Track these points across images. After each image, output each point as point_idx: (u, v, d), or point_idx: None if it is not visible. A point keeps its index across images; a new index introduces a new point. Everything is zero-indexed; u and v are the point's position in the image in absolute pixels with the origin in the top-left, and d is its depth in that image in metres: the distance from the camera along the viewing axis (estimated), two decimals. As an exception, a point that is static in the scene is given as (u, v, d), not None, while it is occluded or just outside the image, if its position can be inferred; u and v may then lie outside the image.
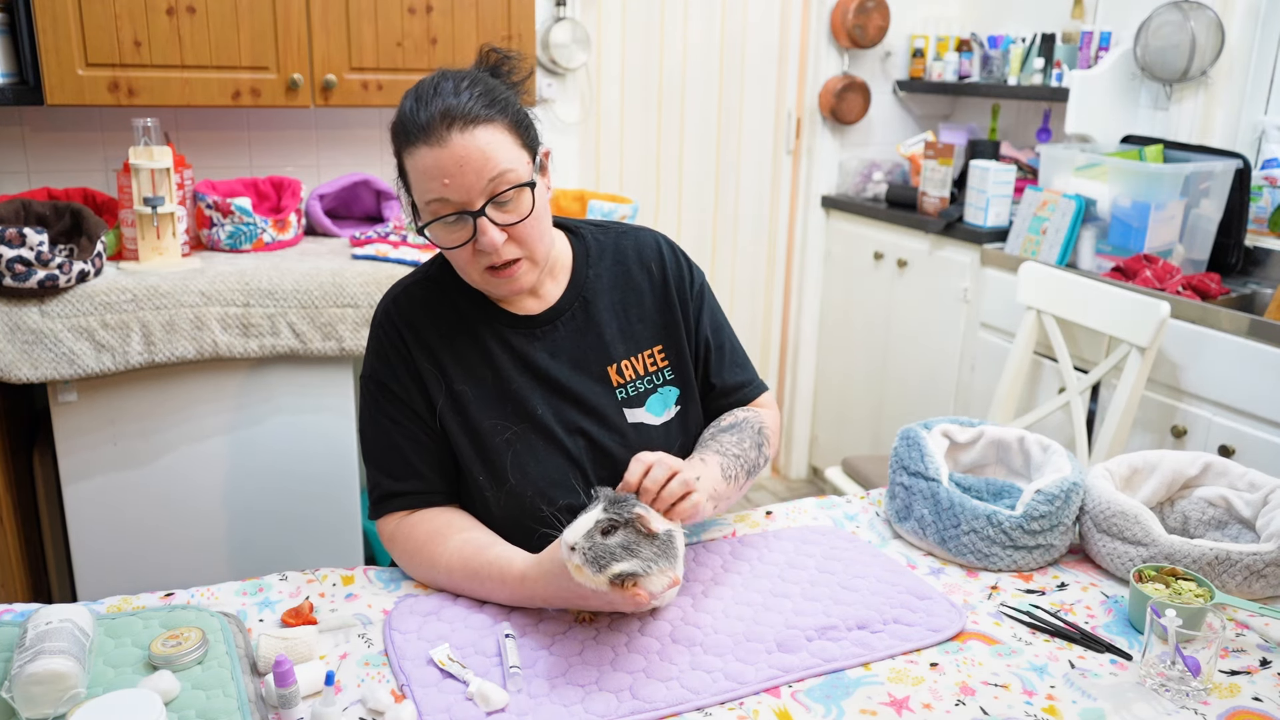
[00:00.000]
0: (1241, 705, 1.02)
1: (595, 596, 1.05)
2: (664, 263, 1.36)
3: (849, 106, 3.34)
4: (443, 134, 1.13)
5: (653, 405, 1.32)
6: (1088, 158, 2.61)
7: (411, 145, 1.15)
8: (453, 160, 1.13)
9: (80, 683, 0.90)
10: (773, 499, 3.49)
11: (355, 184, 2.57)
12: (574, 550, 1.01)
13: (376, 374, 1.27)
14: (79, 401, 2.02)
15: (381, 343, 1.28)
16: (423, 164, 1.14)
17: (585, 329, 1.30)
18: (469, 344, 1.27)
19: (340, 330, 2.14)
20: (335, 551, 2.29)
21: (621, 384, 1.30)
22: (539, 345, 1.28)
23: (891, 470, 1.41)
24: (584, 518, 1.02)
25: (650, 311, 1.34)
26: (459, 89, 1.15)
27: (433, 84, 1.17)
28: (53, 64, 2.04)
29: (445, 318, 1.28)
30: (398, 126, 1.18)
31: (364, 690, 1.00)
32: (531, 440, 1.26)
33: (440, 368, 1.26)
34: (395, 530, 1.25)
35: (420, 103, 1.15)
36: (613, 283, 1.34)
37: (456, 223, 1.16)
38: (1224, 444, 2.09)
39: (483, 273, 1.21)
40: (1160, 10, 2.61)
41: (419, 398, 1.26)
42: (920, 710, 1.00)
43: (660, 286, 1.35)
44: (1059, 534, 1.29)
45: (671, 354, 1.35)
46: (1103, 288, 2.25)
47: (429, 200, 1.16)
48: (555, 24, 2.84)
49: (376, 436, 1.27)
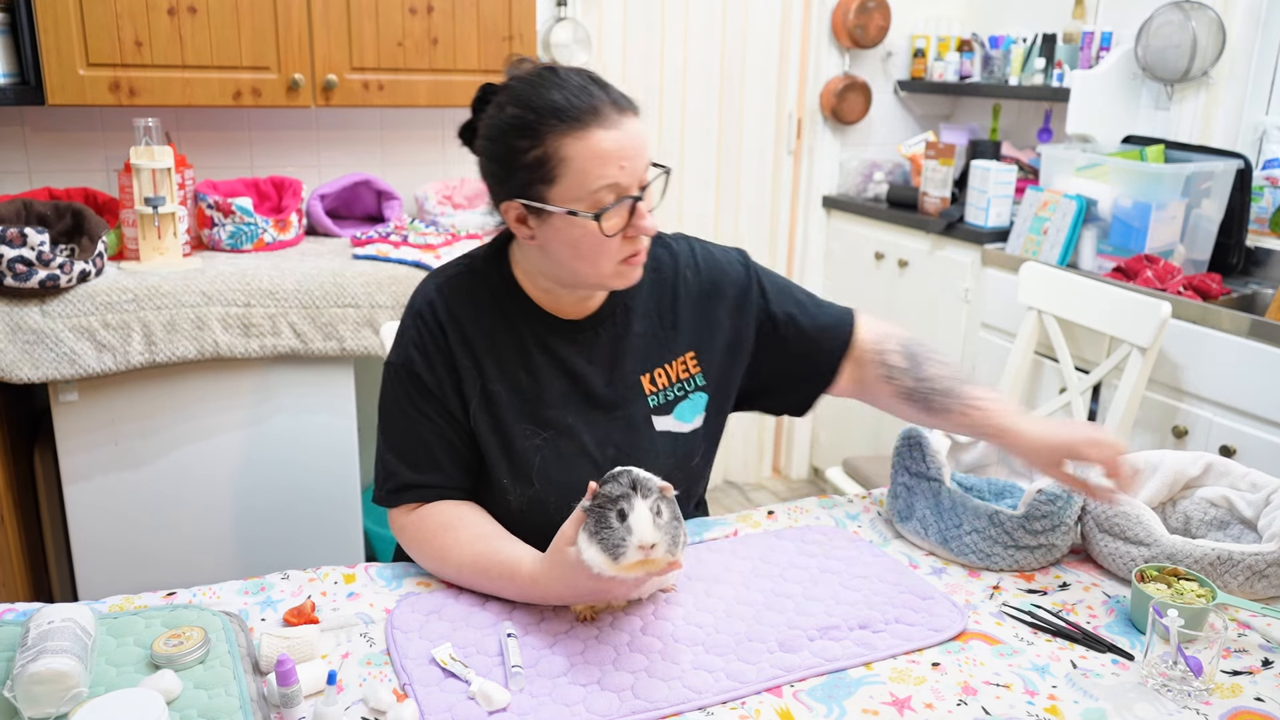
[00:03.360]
0: (1243, 705, 1.02)
1: (617, 586, 1.05)
2: (682, 272, 1.34)
3: (850, 106, 3.34)
4: (616, 118, 1.12)
5: (681, 412, 1.31)
6: (1089, 158, 2.61)
7: (580, 129, 1.11)
8: (630, 143, 1.13)
9: (82, 682, 0.90)
10: (774, 499, 3.49)
11: (356, 184, 2.57)
12: (655, 546, 1.00)
13: (410, 364, 1.24)
14: (80, 401, 2.02)
15: (421, 333, 1.25)
16: (599, 147, 1.11)
17: (624, 335, 1.29)
18: (509, 343, 1.25)
19: (341, 330, 2.14)
20: (336, 550, 2.29)
21: (654, 391, 1.29)
22: (577, 351, 1.27)
23: (893, 470, 1.41)
24: (637, 515, 1.01)
25: (685, 317, 1.32)
26: (598, 79, 1.15)
27: (563, 75, 1.14)
28: (54, 64, 2.04)
29: (489, 315, 1.26)
30: (553, 112, 1.11)
31: (366, 689, 1.00)
32: (560, 447, 1.24)
33: (478, 365, 1.24)
34: (406, 520, 1.25)
35: (577, 90, 1.12)
36: (650, 288, 1.32)
37: (616, 207, 1.14)
38: (1225, 444, 2.09)
39: (618, 263, 1.18)
40: (1161, 10, 2.61)
41: (453, 394, 1.24)
42: (922, 710, 1.00)
43: (696, 291, 1.33)
44: (1061, 534, 1.29)
45: (704, 360, 1.33)
46: (1104, 288, 2.25)
47: (600, 186, 1.12)
48: (556, 24, 2.84)
49: (400, 425, 1.25)
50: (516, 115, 1.14)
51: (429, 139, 2.77)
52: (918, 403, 1.32)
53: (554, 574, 1.09)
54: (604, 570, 1.02)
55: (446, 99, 2.44)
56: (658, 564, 1.02)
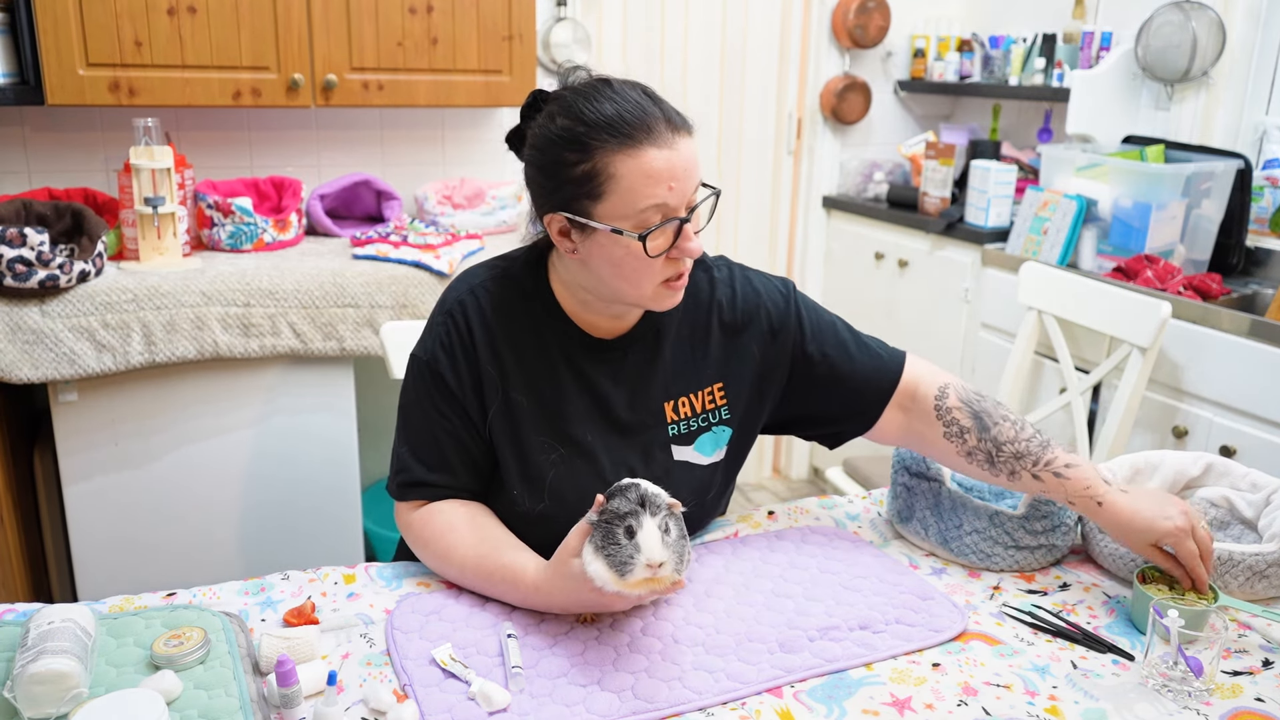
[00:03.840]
0: (1244, 706, 1.02)
1: (619, 600, 1.05)
2: (718, 300, 1.30)
3: (850, 106, 3.34)
4: (669, 137, 1.10)
5: (703, 444, 1.29)
6: (1089, 158, 2.61)
7: (632, 146, 1.08)
8: (681, 163, 1.10)
9: (82, 682, 0.90)
10: (774, 499, 3.49)
11: (356, 184, 2.57)
12: (663, 565, 1.00)
13: (435, 362, 1.23)
14: (79, 401, 2.02)
15: (450, 333, 1.23)
16: (649, 166, 1.08)
17: (652, 359, 1.26)
18: (537, 355, 1.24)
19: (341, 330, 2.14)
20: (336, 550, 2.29)
21: (675, 420, 1.27)
22: (605, 370, 1.25)
23: (893, 470, 1.41)
24: (645, 532, 1.00)
25: (716, 346, 1.29)
26: (651, 94, 1.12)
27: (618, 88, 1.12)
28: (53, 64, 2.04)
29: (520, 323, 1.23)
30: (605, 127, 1.09)
31: (366, 690, 0.99)
32: (576, 466, 1.23)
33: (503, 373, 1.22)
34: (413, 516, 1.24)
35: (631, 106, 1.10)
36: (685, 313, 1.29)
37: (663, 228, 1.11)
38: (1225, 444, 2.09)
39: (660, 285, 1.15)
40: (1161, 10, 2.61)
41: (473, 399, 1.23)
42: (922, 710, 1.00)
43: (729, 320, 1.30)
44: (1061, 534, 1.29)
45: (732, 392, 1.30)
46: (1104, 288, 2.25)
47: (647, 205, 1.09)
48: (556, 24, 2.84)
49: (417, 421, 1.24)
50: (567, 127, 1.11)
51: (429, 139, 2.77)
52: (986, 465, 1.27)
53: (556, 584, 1.08)
54: (608, 585, 1.02)
55: (446, 99, 2.44)
56: (663, 582, 1.02)
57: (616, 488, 1.05)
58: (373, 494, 2.66)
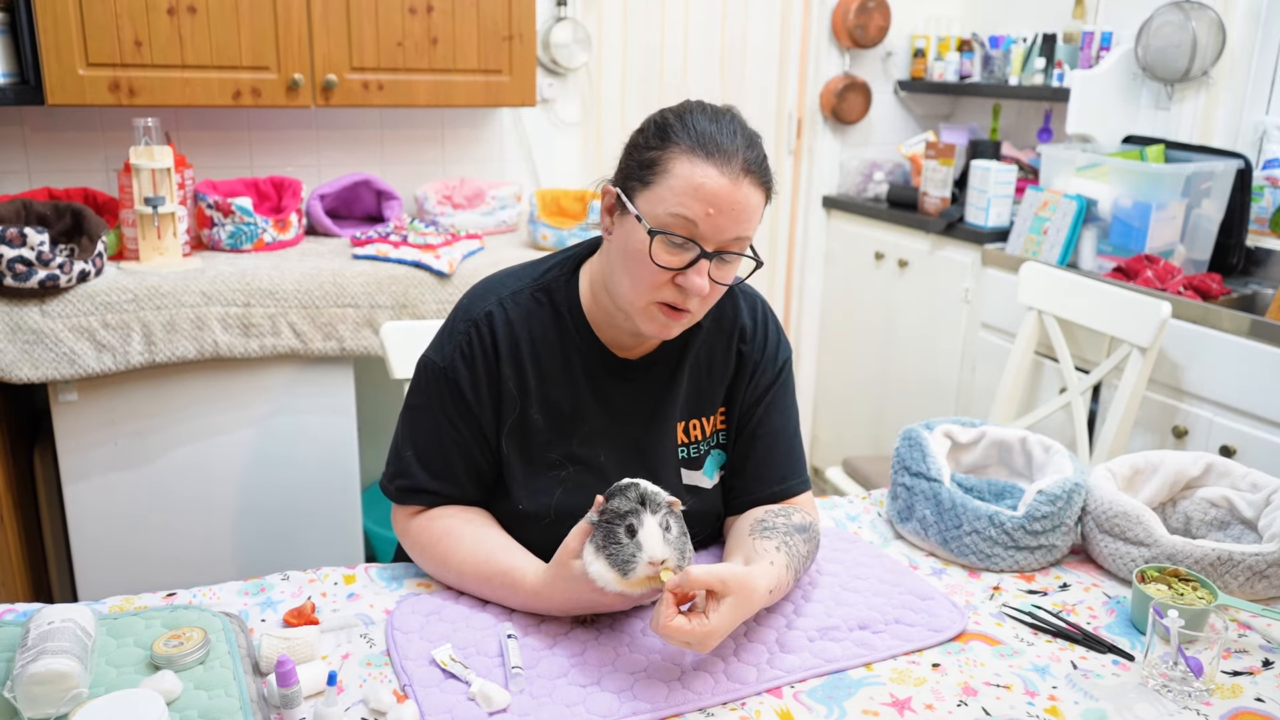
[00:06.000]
0: (1244, 706, 1.02)
1: (620, 600, 1.05)
2: (742, 326, 1.30)
3: (850, 106, 3.34)
4: (738, 172, 1.10)
5: (708, 468, 1.29)
6: (1089, 158, 2.61)
7: (698, 156, 1.09)
8: (730, 199, 1.09)
9: (82, 683, 0.90)
10: (773, 499, 3.48)
11: (356, 184, 2.57)
12: (665, 562, 1.00)
13: (453, 372, 1.20)
14: (80, 401, 2.02)
15: (472, 343, 1.20)
16: (701, 180, 1.08)
17: (670, 381, 1.26)
18: (559, 372, 1.22)
19: (341, 330, 2.14)
20: (336, 551, 2.29)
21: (686, 443, 1.27)
22: (625, 389, 1.24)
23: (893, 471, 1.41)
24: (646, 530, 1.01)
25: (721, 372, 1.29)
26: (754, 143, 1.13)
27: (733, 119, 1.14)
28: (53, 64, 2.04)
29: (546, 337, 1.22)
30: (689, 132, 1.11)
31: (366, 690, 1.00)
32: (585, 483, 1.21)
33: (523, 390, 1.21)
34: (410, 522, 1.23)
35: (724, 128, 1.12)
36: (707, 336, 1.29)
37: (682, 247, 1.11)
38: (1225, 444, 2.09)
39: (653, 303, 1.14)
40: (1161, 10, 2.61)
41: (489, 413, 1.21)
42: (922, 710, 1.00)
43: (734, 350, 1.29)
44: (1061, 534, 1.29)
45: (729, 417, 1.31)
46: (1104, 288, 2.25)
47: (679, 213, 1.09)
48: (556, 24, 2.84)
49: (425, 427, 1.22)
50: (665, 118, 1.15)
51: (429, 139, 2.77)
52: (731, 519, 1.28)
53: (557, 586, 1.08)
54: (610, 585, 1.02)
55: (446, 99, 2.44)
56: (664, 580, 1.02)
57: (616, 487, 1.05)
58: (373, 494, 2.66)
